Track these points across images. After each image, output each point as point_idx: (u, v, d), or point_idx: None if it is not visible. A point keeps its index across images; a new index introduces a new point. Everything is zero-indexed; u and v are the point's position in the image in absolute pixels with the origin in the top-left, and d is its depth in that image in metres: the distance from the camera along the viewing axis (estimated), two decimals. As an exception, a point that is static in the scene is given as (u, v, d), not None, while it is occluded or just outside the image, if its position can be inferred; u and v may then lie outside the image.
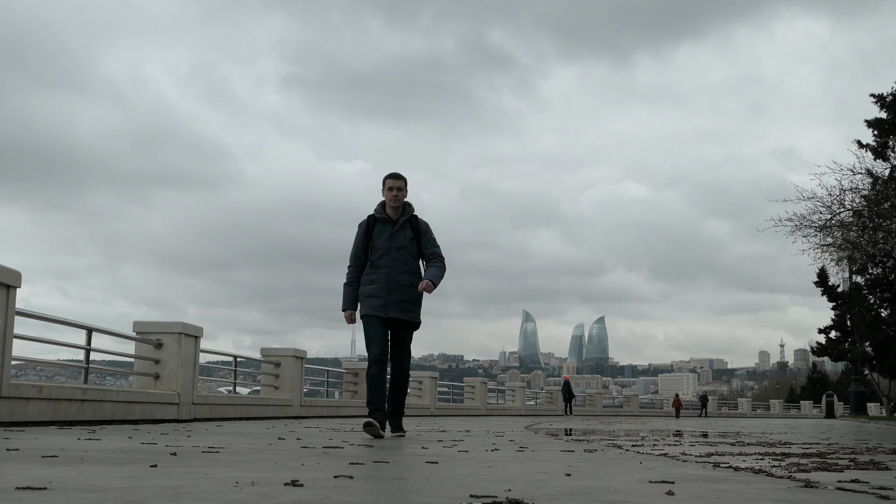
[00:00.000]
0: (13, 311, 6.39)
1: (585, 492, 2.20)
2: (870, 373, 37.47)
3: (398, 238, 6.06)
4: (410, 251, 6.10)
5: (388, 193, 6.11)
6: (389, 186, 6.11)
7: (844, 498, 2.17)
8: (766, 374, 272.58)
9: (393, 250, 6.02)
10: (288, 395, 13.13)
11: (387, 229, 6.08)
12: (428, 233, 6.21)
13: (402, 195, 6.12)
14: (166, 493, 1.94)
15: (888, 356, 31.14)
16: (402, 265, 6.04)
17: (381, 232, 6.08)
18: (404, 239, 6.07)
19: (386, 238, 6.05)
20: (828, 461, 3.88)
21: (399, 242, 6.05)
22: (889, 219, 18.61)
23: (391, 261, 6.01)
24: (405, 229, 6.10)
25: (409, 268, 6.08)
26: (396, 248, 6.03)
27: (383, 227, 6.09)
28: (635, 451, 4.79)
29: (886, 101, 24.95)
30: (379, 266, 6.03)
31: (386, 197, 6.14)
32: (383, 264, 6.02)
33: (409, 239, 6.09)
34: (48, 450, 3.54)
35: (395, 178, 6.16)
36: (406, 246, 6.07)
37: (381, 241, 6.06)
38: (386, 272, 6.00)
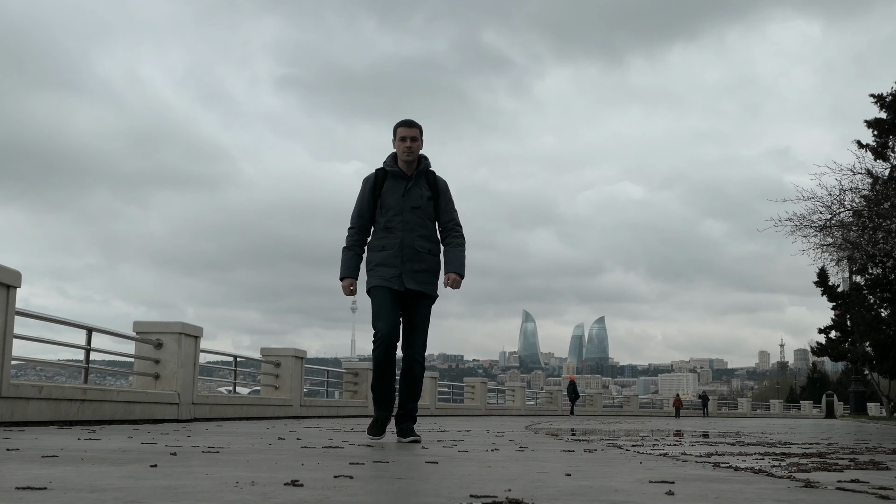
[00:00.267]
0: (13, 311, 6.39)
1: (585, 492, 2.20)
2: (870, 373, 37.47)
3: (413, 196, 5.17)
4: (427, 212, 5.21)
5: (399, 144, 5.21)
6: (402, 136, 5.21)
7: (844, 498, 2.17)
8: (766, 374, 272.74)
9: (407, 210, 5.14)
10: (288, 395, 13.13)
11: (399, 185, 5.19)
12: (447, 193, 5.33)
13: (417, 146, 5.23)
14: (166, 493, 1.94)
15: (888, 356, 31.14)
16: (418, 228, 5.15)
17: (393, 188, 5.19)
18: (420, 197, 5.18)
19: (399, 196, 5.16)
20: (828, 461, 3.88)
21: (414, 201, 5.16)
22: (889, 219, 18.61)
23: (405, 223, 5.13)
24: (421, 186, 5.22)
25: (426, 232, 5.19)
26: (412, 207, 5.14)
27: (395, 183, 5.20)
28: (635, 451, 4.79)
29: (886, 101, 24.96)
30: (392, 229, 5.14)
31: (398, 149, 5.23)
32: (397, 227, 5.13)
33: (426, 198, 5.21)
34: (48, 450, 3.54)
35: (408, 125, 5.24)
36: (423, 206, 5.18)
37: (393, 198, 5.17)
38: (401, 236, 5.11)
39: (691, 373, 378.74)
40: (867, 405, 44.01)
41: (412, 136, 5.20)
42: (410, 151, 5.18)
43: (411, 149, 5.18)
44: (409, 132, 5.20)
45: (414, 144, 5.19)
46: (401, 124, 5.25)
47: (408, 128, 5.22)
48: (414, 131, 5.23)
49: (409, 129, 5.22)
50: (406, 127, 5.23)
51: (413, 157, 5.21)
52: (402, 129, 5.23)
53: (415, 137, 5.21)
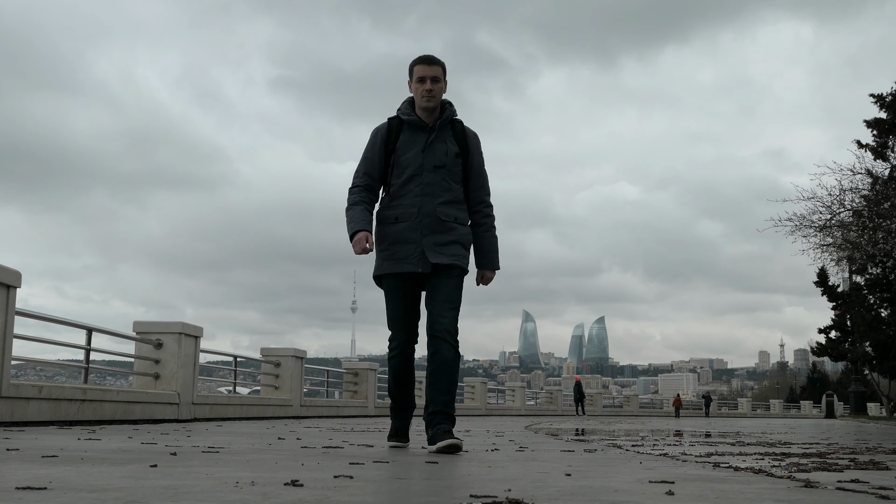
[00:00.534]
0: (13, 311, 6.39)
1: (585, 492, 2.20)
2: (870, 373, 37.49)
3: (436, 151, 4.15)
4: (453, 172, 4.18)
5: (417, 87, 4.15)
6: (420, 76, 4.13)
7: (844, 498, 2.17)
8: (766, 374, 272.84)
9: (429, 170, 4.12)
10: (288, 395, 13.13)
11: (418, 138, 4.17)
12: (479, 153, 4.30)
13: (440, 89, 4.17)
14: (166, 493, 1.94)
15: (888, 356, 31.14)
16: (441, 192, 4.13)
17: (410, 142, 4.16)
18: (445, 153, 4.16)
19: (418, 151, 4.14)
20: (828, 461, 3.88)
21: (438, 158, 4.14)
22: (889, 219, 18.61)
23: (426, 185, 4.10)
24: (446, 139, 4.20)
25: (452, 197, 4.15)
26: (434, 166, 4.12)
27: (413, 136, 4.18)
28: (635, 451, 4.79)
29: (886, 101, 24.96)
30: (406, 195, 4.12)
31: (415, 92, 4.17)
32: (414, 190, 4.10)
33: (452, 154, 4.18)
34: (48, 450, 3.54)
35: (427, 62, 4.17)
36: (448, 164, 4.15)
37: (411, 154, 4.14)
38: (419, 203, 4.09)
39: (691, 373, 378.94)
40: (867, 405, 44.00)
41: (433, 76, 4.11)
42: (431, 96, 4.10)
43: (432, 92, 4.10)
44: (430, 71, 4.11)
45: (436, 87, 4.12)
46: (418, 61, 4.18)
47: (427, 65, 4.14)
48: (435, 70, 4.14)
49: (428, 66, 4.14)
50: (425, 65, 4.15)
51: (435, 102, 4.14)
52: (420, 68, 4.15)
53: (436, 77, 4.12)
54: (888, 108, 24.82)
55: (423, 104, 4.14)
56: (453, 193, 4.17)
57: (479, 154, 4.30)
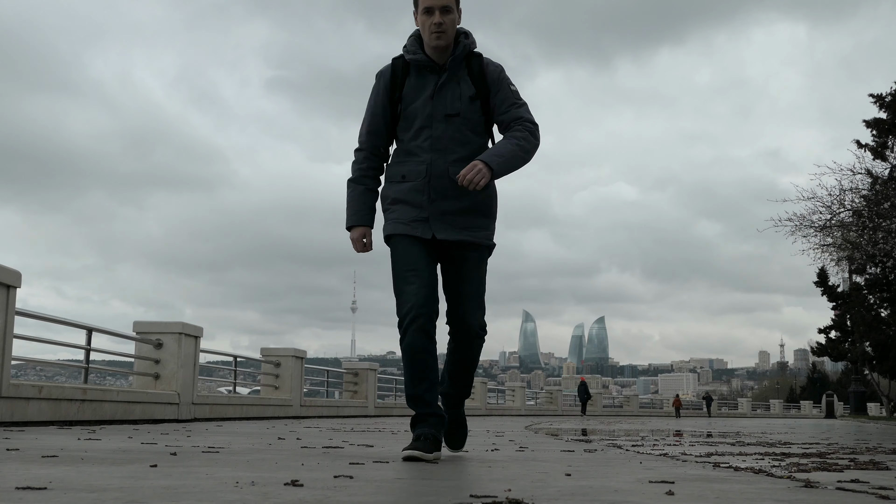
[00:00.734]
0: (13, 311, 6.39)
1: (585, 492, 2.20)
2: (870, 373, 37.49)
3: (447, 96, 3.45)
4: (471, 120, 3.48)
5: (424, 20, 3.42)
6: (427, 6, 3.40)
7: (844, 498, 2.17)
8: (766, 374, 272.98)
9: (440, 120, 3.44)
10: (288, 395, 13.13)
11: (427, 82, 3.47)
12: (504, 82, 3.51)
13: (452, 22, 3.42)
14: (166, 493, 1.94)
15: (888, 356, 31.16)
16: (455, 147, 3.45)
17: (418, 87, 3.48)
18: (458, 98, 3.46)
19: (426, 98, 3.45)
20: (828, 461, 3.88)
21: (449, 105, 3.45)
22: (889, 219, 18.62)
23: (436, 140, 3.44)
24: (460, 79, 3.48)
25: (468, 152, 3.46)
26: (446, 115, 3.44)
27: (420, 79, 3.48)
28: (635, 451, 4.79)
29: (885, 101, 24.96)
30: (415, 151, 3.47)
31: (421, 27, 3.45)
32: (423, 146, 3.45)
33: (467, 98, 3.47)
34: (48, 450, 3.54)
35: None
36: (463, 111, 3.46)
37: (419, 102, 3.46)
38: (428, 160, 3.44)
39: (691, 373, 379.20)
40: (867, 405, 44.01)
41: (443, 6, 3.37)
42: (441, 31, 3.38)
43: (442, 26, 3.37)
44: (438, 2, 3.36)
45: (446, 18, 3.37)
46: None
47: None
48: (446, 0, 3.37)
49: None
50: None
51: (446, 39, 3.40)
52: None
53: (447, 7, 3.38)
54: (888, 109, 24.83)
55: (431, 42, 3.39)
56: (471, 147, 3.45)
57: (504, 85, 3.48)
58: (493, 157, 3.34)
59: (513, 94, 3.51)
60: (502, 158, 3.35)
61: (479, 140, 3.51)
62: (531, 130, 3.47)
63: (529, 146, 3.45)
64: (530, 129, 3.47)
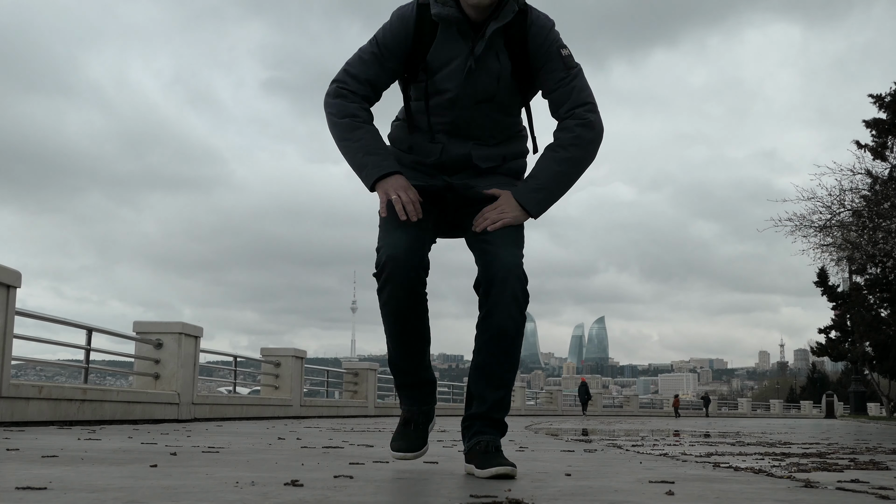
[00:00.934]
0: (13, 311, 6.40)
1: (585, 492, 2.20)
2: (870, 373, 37.49)
3: (483, 77, 2.56)
4: (505, 106, 2.63)
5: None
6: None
7: (844, 498, 2.17)
8: (766, 374, 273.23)
9: (467, 106, 2.59)
10: (288, 395, 13.14)
11: (457, 48, 2.54)
12: (552, 49, 2.55)
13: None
14: (166, 493, 1.94)
15: (888, 356, 31.16)
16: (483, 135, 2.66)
17: (444, 52, 2.56)
18: (496, 77, 2.57)
19: (454, 72, 2.56)
20: (828, 461, 3.88)
21: (483, 88, 2.57)
22: (889, 219, 18.63)
23: (458, 128, 2.63)
24: (499, 50, 2.55)
25: (501, 137, 2.70)
26: (476, 102, 2.58)
27: (449, 42, 2.54)
28: (635, 451, 4.79)
29: (885, 101, 24.97)
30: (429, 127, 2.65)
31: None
32: (439, 127, 2.64)
33: (507, 75, 2.57)
34: (48, 450, 3.54)
35: None
36: (498, 95, 2.59)
37: (443, 75, 2.57)
38: (444, 141, 2.65)
39: (691, 373, 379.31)
40: (867, 405, 44.01)
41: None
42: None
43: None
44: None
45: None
46: None
47: None
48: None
49: None
50: None
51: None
52: None
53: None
54: (887, 109, 24.83)
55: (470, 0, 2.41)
56: (506, 132, 2.69)
57: (556, 58, 2.53)
58: (531, 194, 2.55)
59: (564, 63, 2.54)
60: (543, 193, 2.56)
61: (510, 121, 2.69)
62: (585, 122, 2.54)
63: (583, 152, 2.56)
64: (583, 121, 2.54)
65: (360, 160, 2.55)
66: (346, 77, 2.60)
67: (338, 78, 2.62)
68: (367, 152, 2.54)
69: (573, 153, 2.56)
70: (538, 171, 2.60)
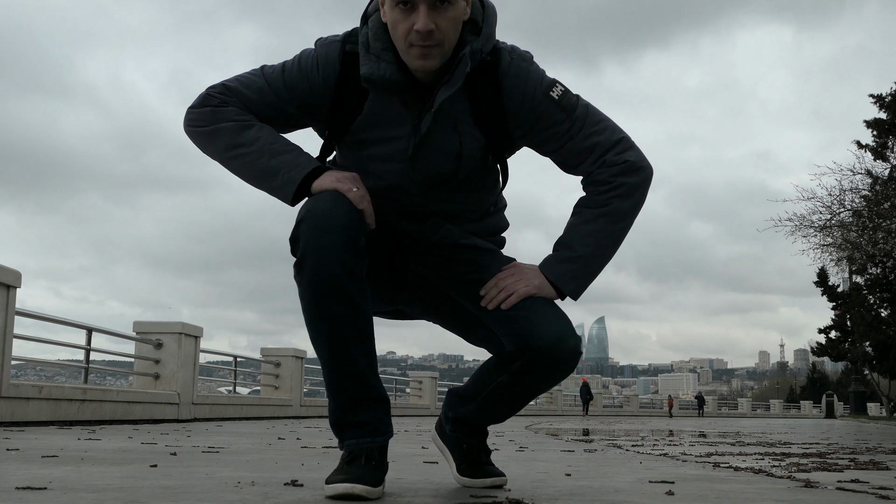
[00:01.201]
0: (13, 311, 6.40)
1: (585, 492, 2.20)
2: (870, 373, 37.50)
3: (434, 153, 1.87)
4: (472, 184, 1.95)
5: (396, 17, 1.71)
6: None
7: (844, 498, 2.17)
8: (766, 374, 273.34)
9: (415, 192, 1.93)
10: (288, 395, 13.14)
11: (397, 116, 1.85)
12: (542, 105, 1.86)
13: (451, 25, 1.73)
14: (166, 493, 1.94)
15: (888, 356, 31.16)
16: (449, 217, 2.00)
17: (382, 124, 1.86)
18: (455, 155, 1.88)
19: (398, 148, 1.87)
20: (828, 461, 3.88)
21: (436, 170, 1.89)
22: (889, 219, 18.64)
23: (409, 209, 1.97)
24: (457, 116, 1.85)
25: (471, 220, 2.04)
26: (428, 186, 1.92)
27: (386, 110, 1.85)
28: (635, 451, 4.79)
29: (885, 101, 24.97)
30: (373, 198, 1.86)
31: (392, 28, 1.74)
32: (390, 207, 1.95)
33: (474, 149, 1.88)
34: (48, 450, 3.54)
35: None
36: (459, 174, 1.91)
37: (386, 151, 1.88)
38: (392, 221, 1.99)
39: (691, 373, 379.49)
40: (867, 405, 44.01)
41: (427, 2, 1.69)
42: (430, 47, 1.73)
43: (433, 37, 1.71)
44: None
45: (442, 20, 1.71)
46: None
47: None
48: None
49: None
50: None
51: (439, 59, 1.76)
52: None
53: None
54: (888, 109, 24.83)
55: (412, 62, 1.77)
56: (472, 212, 2.05)
57: (553, 112, 1.87)
58: (561, 266, 1.94)
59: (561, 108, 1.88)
60: (580, 263, 1.93)
61: (479, 199, 2.03)
62: (625, 165, 1.92)
63: (630, 203, 1.94)
64: (622, 165, 1.92)
65: (265, 165, 1.83)
66: (223, 89, 1.90)
67: (209, 89, 1.91)
68: (272, 153, 1.83)
69: (617, 206, 1.91)
70: (570, 238, 1.95)
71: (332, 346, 1.81)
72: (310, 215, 1.76)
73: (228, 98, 1.88)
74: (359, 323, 1.81)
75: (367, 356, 1.84)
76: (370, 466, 1.83)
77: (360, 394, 1.84)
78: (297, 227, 1.78)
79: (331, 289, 1.77)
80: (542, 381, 2.00)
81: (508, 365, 1.96)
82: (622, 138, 1.94)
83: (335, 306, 1.78)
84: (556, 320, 1.91)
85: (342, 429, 1.87)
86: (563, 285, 1.93)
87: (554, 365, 1.93)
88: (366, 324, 1.83)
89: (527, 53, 1.90)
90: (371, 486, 1.78)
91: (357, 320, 1.80)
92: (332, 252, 1.74)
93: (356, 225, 1.77)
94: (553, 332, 1.88)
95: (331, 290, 1.77)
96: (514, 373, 1.97)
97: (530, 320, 1.89)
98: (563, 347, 1.89)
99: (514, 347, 1.92)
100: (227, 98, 1.88)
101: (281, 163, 1.83)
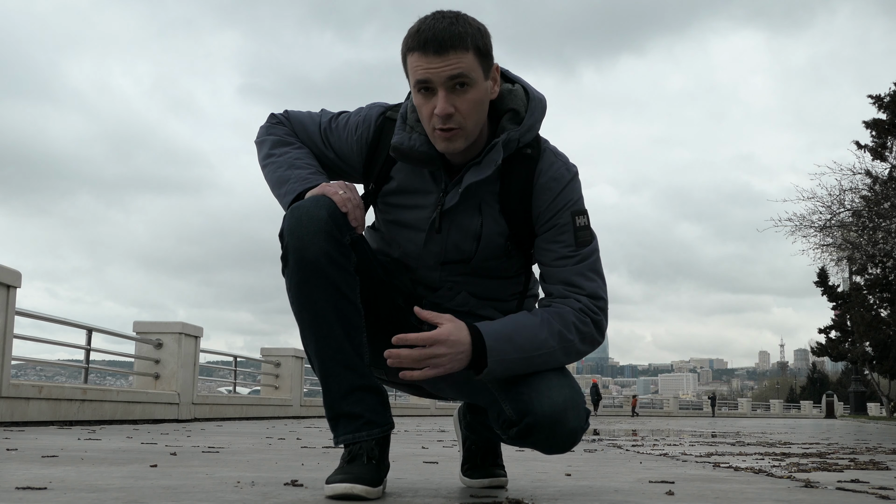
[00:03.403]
0: (13, 311, 6.40)
1: (585, 492, 2.20)
2: (870, 373, 37.51)
3: (454, 232, 1.91)
4: (491, 269, 1.96)
5: (420, 101, 1.77)
6: (421, 78, 1.73)
7: (844, 498, 2.17)
8: (766, 374, 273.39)
9: (431, 262, 1.96)
10: (288, 395, 13.14)
11: (427, 188, 1.90)
12: (563, 209, 1.88)
13: (474, 107, 1.76)
14: (166, 493, 1.94)
15: (888, 356, 31.17)
16: (466, 298, 1.99)
17: (409, 190, 1.92)
18: (470, 234, 1.90)
19: (421, 217, 1.92)
20: (828, 461, 3.88)
21: (454, 247, 1.92)
22: (889, 219, 18.64)
23: (427, 283, 1.99)
24: (483, 198, 1.88)
25: (486, 295, 2.00)
26: (442, 263, 1.95)
27: (415, 178, 1.91)
28: (635, 451, 4.79)
29: (884, 101, 24.98)
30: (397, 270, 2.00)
31: (419, 108, 1.78)
32: (403, 280, 2.00)
33: (495, 236, 1.90)
34: (48, 450, 3.54)
35: (436, 48, 1.70)
36: (477, 257, 1.93)
37: (409, 218, 1.93)
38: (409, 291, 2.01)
39: (691, 373, 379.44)
40: (867, 405, 44.04)
41: (452, 77, 1.71)
42: (452, 131, 1.76)
43: (453, 119, 1.74)
44: (439, 67, 1.71)
45: (462, 103, 1.74)
46: (413, 45, 1.74)
47: (435, 55, 1.71)
48: (454, 60, 1.71)
49: (437, 57, 1.71)
50: (429, 54, 1.71)
51: (463, 143, 1.78)
52: (418, 61, 1.73)
53: (461, 79, 1.72)
54: (886, 109, 24.83)
55: (438, 144, 1.80)
56: (488, 297, 2.02)
57: (565, 221, 1.89)
58: (497, 339, 1.80)
59: (575, 238, 1.90)
60: (512, 348, 1.81)
61: (498, 286, 2.02)
62: (598, 322, 1.90)
63: (577, 347, 1.88)
64: (596, 318, 1.90)
65: (281, 175, 1.93)
66: (285, 113, 2.06)
67: (275, 114, 2.08)
68: (290, 166, 1.93)
69: (573, 337, 1.86)
70: (520, 326, 1.83)
71: (317, 333, 1.81)
72: (292, 212, 1.82)
73: (285, 121, 2.04)
74: (345, 311, 1.81)
75: (354, 345, 1.83)
76: (370, 466, 1.82)
77: (351, 382, 1.83)
78: (282, 224, 1.84)
79: (313, 275, 1.79)
80: (538, 448, 1.89)
81: (508, 429, 1.87)
82: (605, 299, 1.93)
83: (318, 292, 1.80)
84: (560, 387, 1.83)
85: (337, 421, 1.85)
86: (488, 356, 1.78)
87: (551, 438, 1.84)
88: (354, 313, 1.83)
89: (574, 166, 1.94)
90: (371, 486, 1.79)
91: (343, 308, 1.81)
92: (312, 241, 1.78)
93: (339, 222, 1.80)
94: (556, 403, 1.81)
95: (313, 277, 1.79)
96: (513, 438, 1.87)
97: (532, 385, 1.84)
98: (565, 422, 1.81)
99: (513, 413, 1.84)
100: (283, 121, 2.04)
101: (293, 175, 1.92)
